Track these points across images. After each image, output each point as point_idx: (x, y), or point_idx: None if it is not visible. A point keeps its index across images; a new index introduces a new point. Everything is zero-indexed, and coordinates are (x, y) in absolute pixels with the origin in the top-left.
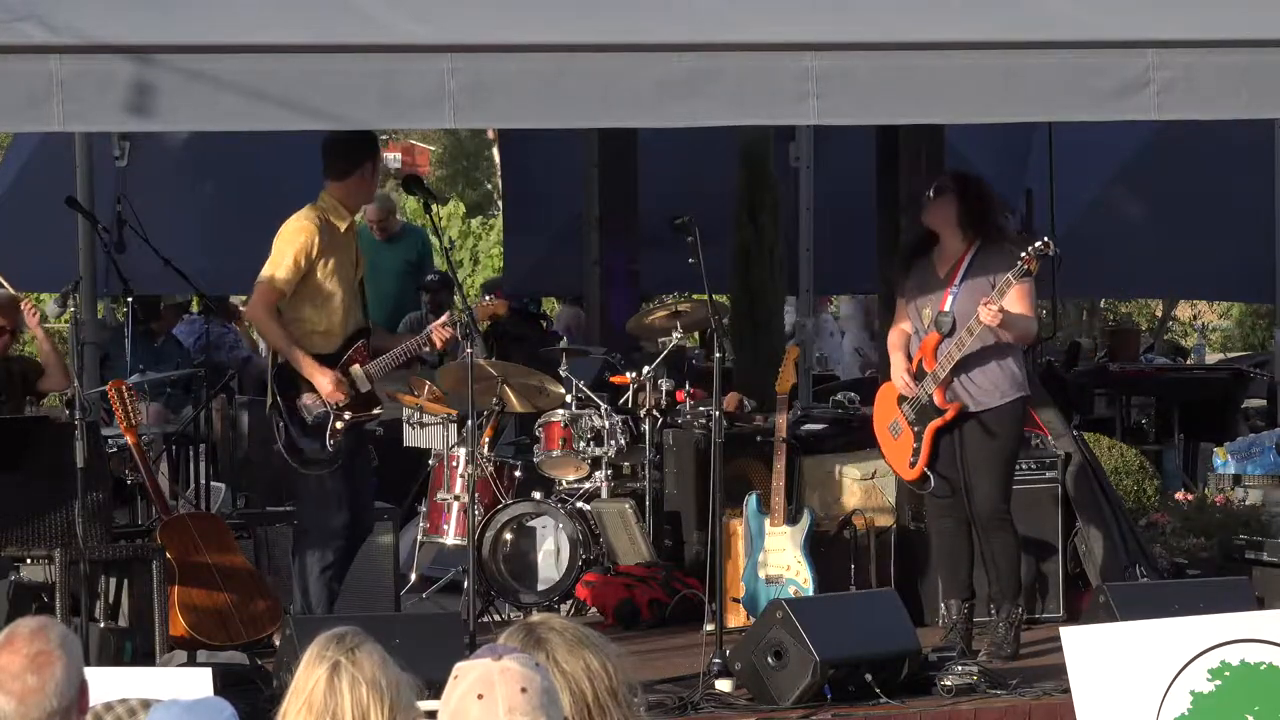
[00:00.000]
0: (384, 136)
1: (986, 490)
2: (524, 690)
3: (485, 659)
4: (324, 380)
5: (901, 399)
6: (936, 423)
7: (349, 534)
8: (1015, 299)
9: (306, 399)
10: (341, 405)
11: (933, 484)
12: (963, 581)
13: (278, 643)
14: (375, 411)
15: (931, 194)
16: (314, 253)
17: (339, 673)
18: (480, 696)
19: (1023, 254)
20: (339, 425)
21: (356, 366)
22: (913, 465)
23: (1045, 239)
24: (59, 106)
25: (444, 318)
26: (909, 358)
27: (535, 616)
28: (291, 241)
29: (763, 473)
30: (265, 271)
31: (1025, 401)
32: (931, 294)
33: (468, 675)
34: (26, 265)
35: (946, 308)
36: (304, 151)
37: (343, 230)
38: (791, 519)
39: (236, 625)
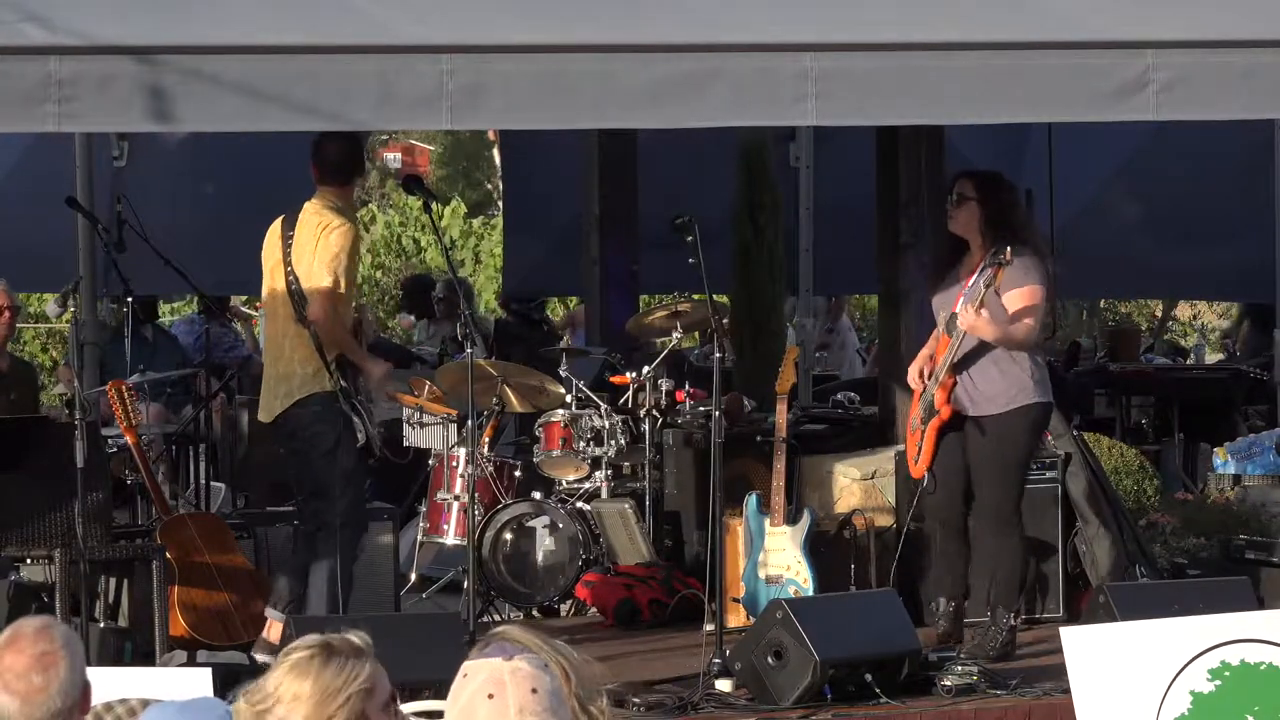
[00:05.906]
0: (384, 136)
1: (986, 496)
2: (535, 691)
3: (496, 658)
4: (379, 370)
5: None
6: (934, 423)
7: None
8: (1013, 303)
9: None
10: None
11: (926, 482)
12: (950, 581)
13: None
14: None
15: (954, 201)
16: (358, 255)
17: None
18: (491, 696)
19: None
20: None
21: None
22: (916, 462)
23: (1008, 248)
24: (57, 107)
25: None
26: (931, 358)
27: (496, 629)
28: (352, 246)
29: (763, 473)
30: (327, 278)
31: (1041, 408)
32: (949, 297)
33: (478, 674)
34: (26, 265)
35: (958, 310)
36: (304, 151)
37: None
38: (791, 519)
39: (236, 625)
